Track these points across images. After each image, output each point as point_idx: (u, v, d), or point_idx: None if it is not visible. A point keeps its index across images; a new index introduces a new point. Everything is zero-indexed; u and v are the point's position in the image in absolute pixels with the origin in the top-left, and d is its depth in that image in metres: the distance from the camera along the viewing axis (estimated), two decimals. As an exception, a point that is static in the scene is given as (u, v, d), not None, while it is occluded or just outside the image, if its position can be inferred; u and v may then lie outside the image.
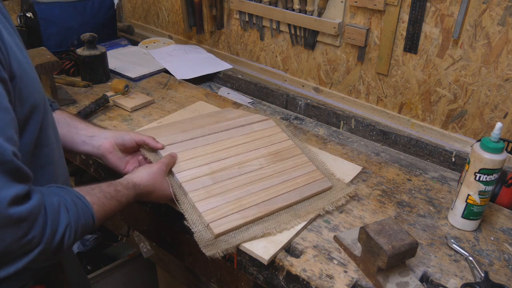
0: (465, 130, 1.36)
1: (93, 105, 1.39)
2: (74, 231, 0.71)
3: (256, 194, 0.99)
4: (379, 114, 1.52)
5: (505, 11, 1.16)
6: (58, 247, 0.69)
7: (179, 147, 1.05)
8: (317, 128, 1.51)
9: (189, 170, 1.00)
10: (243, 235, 0.91)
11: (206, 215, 0.92)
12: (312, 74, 1.66)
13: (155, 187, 0.93)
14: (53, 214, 0.68)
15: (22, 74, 0.71)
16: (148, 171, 0.94)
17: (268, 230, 0.92)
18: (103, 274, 1.70)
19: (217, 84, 1.82)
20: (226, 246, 0.89)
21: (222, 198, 0.96)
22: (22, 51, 0.74)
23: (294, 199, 1.00)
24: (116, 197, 0.83)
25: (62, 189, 0.75)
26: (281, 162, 1.09)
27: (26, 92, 0.72)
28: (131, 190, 0.88)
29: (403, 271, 0.86)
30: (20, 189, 0.63)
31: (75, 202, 0.73)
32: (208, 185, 0.98)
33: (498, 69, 1.23)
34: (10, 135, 0.63)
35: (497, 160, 0.90)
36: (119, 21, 2.34)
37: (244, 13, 1.75)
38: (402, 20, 1.35)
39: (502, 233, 0.99)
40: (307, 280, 0.85)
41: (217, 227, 0.90)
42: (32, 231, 0.64)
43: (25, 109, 0.73)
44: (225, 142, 1.11)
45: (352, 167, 1.18)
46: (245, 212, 0.95)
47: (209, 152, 1.06)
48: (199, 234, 0.90)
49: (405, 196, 1.09)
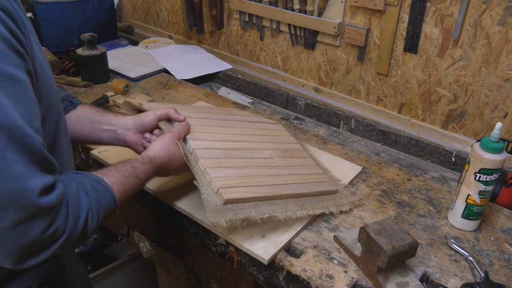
0: (465, 130, 1.36)
1: (93, 105, 1.39)
2: (96, 214, 0.71)
3: (266, 177, 0.97)
4: (379, 114, 1.52)
5: (505, 11, 1.16)
6: (83, 232, 0.69)
7: (194, 121, 1.03)
8: (317, 128, 1.51)
9: (203, 141, 0.99)
10: (250, 210, 0.88)
11: (216, 180, 0.89)
12: (312, 74, 1.66)
13: (170, 157, 0.92)
14: (73, 201, 0.69)
15: (41, 73, 0.72)
16: (161, 143, 0.92)
17: (274, 213, 0.90)
18: (103, 274, 1.70)
19: (217, 84, 1.82)
20: (232, 216, 0.85)
21: (233, 171, 0.94)
22: (42, 52, 0.75)
23: (302, 191, 0.99)
24: (134, 174, 0.82)
25: (80, 174, 0.75)
26: (290, 158, 1.09)
27: (44, 90, 0.73)
28: (148, 165, 0.87)
29: (403, 271, 0.86)
30: (48, 179, 0.64)
31: (93, 185, 0.73)
32: (220, 158, 0.96)
33: (498, 69, 1.23)
34: (37, 127, 0.64)
35: (497, 160, 0.90)
36: (119, 21, 2.34)
37: (244, 13, 1.75)
38: (402, 20, 1.35)
39: (502, 233, 0.99)
40: (307, 280, 0.85)
41: (227, 193, 0.87)
42: (57, 220, 0.65)
43: (43, 107, 0.74)
44: (238, 129, 1.11)
45: (352, 167, 1.18)
46: (255, 188, 0.92)
47: (223, 133, 1.06)
48: (207, 197, 0.86)
49: (405, 196, 1.09)
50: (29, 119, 0.63)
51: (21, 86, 0.62)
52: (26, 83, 0.63)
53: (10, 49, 0.61)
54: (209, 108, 1.24)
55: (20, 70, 0.63)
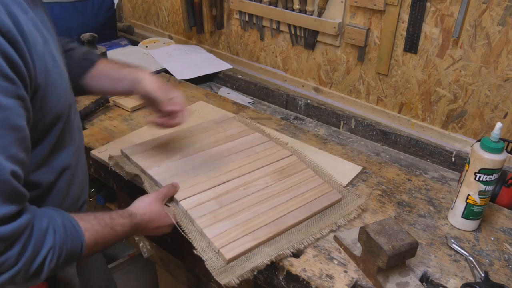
0: (465, 130, 1.36)
1: (93, 105, 1.39)
2: (57, 254, 0.69)
3: (265, 214, 0.95)
4: (379, 114, 1.52)
5: (505, 11, 1.16)
6: (38, 269, 0.67)
7: (180, 177, 1.02)
8: (317, 128, 1.51)
9: (193, 197, 0.97)
10: (257, 258, 0.86)
11: (215, 240, 0.88)
12: (312, 74, 1.66)
13: (152, 216, 0.89)
14: (38, 235, 0.67)
15: (49, 84, 0.71)
16: (144, 201, 0.91)
17: (282, 251, 0.88)
18: (103, 274, 1.70)
19: (217, 84, 1.82)
20: (240, 271, 0.83)
21: (230, 221, 0.92)
22: (55, 59, 0.74)
23: (304, 215, 0.97)
24: (110, 224, 0.79)
25: (56, 211, 0.73)
26: (287, 178, 1.06)
27: (50, 102, 0.72)
28: (127, 219, 0.84)
29: (403, 271, 0.86)
30: (9, 209, 0.62)
31: (65, 225, 0.71)
32: (214, 210, 0.94)
33: (498, 69, 1.23)
34: (12, 153, 0.63)
35: (497, 160, 0.90)
36: (119, 21, 2.34)
37: (244, 13, 1.75)
38: (402, 20, 1.35)
39: (502, 233, 0.99)
40: (307, 280, 0.85)
41: (228, 251, 0.86)
42: (8, 252, 0.63)
43: (47, 119, 0.74)
44: (225, 167, 1.08)
45: (352, 167, 1.18)
46: (255, 233, 0.90)
47: (212, 177, 1.03)
48: (210, 262, 0.85)
49: (405, 196, 1.09)
50: (2, 146, 0.62)
51: (1, 112, 0.61)
52: (9, 108, 0.62)
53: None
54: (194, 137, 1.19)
55: (5, 96, 0.61)
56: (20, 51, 0.63)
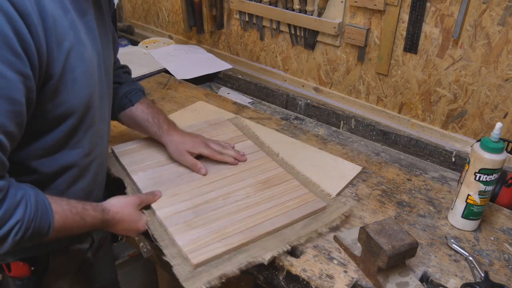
0: (465, 130, 1.36)
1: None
2: (24, 229, 0.70)
3: (241, 222, 0.93)
4: (379, 114, 1.52)
5: (505, 11, 1.16)
6: (2, 238, 0.68)
7: (163, 185, 1.02)
8: (317, 128, 1.51)
9: (171, 207, 0.97)
10: (226, 265, 0.84)
11: (184, 246, 0.87)
12: (312, 74, 1.66)
13: (124, 216, 0.90)
14: (10, 204, 0.68)
15: (67, 79, 0.75)
16: (120, 200, 0.91)
17: (253, 259, 0.85)
18: (103, 274, 1.70)
19: (217, 84, 1.82)
20: (208, 277, 0.81)
21: (203, 229, 0.91)
22: (84, 62, 0.78)
23: (282, 223, 0.93)
24: (81, 214, 0.80)
25: (33, 189, 0.74)
26: (269, 189, 1.03)
27: (64, 97, 0.76)
28: (99, 213, 0.85)
29: (403, 271, 0.86)
30: None
31: (38, 202, 0.72)
32: (190, 219, 0.93)
33: (498, 69, 1.23)
34: (2, 122, 0.65)
35: (497, 160, 0.90)
36: (119, 21, 2.34)
37: (244, 13, 1.75)
38: (402, 20, 1.35)
39: (502, 233, 0.99)
40: (307, 280, 0.85)
41: (196, 257, 0.84)
42: None
43: (58, 111, 0.76)
44: (211, 176, 1.07)
45: (352, 167, 1.18)
46: (228, 240, 0.88)
47: (194, 188, 1.03)
48: (178, 268, 0.83)
49: (405, 196, 1.09)
50: None
51: (1, 81, 0.64)
52: (10, 80, 0.65)
53: (4, 45, 0.63)
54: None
55: (8, 68, 0.64)
56: (35, 34, 0.67)
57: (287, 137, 1.29)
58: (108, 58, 0.92)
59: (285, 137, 1.29)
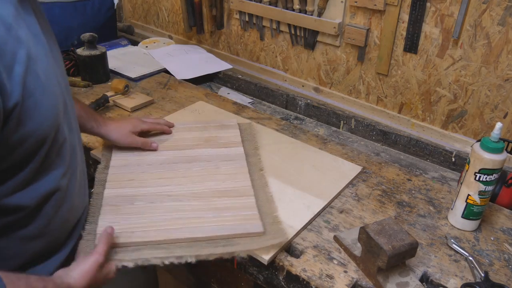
0: (465, 130, 1.36)
1: (93, 105, 1.39)
2: None
3: (170, 221, 0.92)
4: (379, 114, 1.52)
5: (505, 11, 1.16)
6: None
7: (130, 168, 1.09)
8: (317, 128, 1.51)
9: (120, 189, 1.01)
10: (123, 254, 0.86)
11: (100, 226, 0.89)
12: (312, 74, 1.66)
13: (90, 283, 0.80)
14: None
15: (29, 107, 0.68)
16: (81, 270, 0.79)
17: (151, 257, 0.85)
18: (103, 274, 1.70)
19: (217, 84, 1.82)
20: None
21: (128, 217, 0.93)
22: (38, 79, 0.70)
23: (205, 234, 0.89)
24: None
25: None
26: (221, 199, 1.00)
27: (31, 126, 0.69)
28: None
29: (403, 271, 0.86)
30: None
31: None
32: (122, 204, 0.97)
33: (498, 69, 1.23)
34: None
35: (497, 160, 0.90)
36: (119, 21, 2.34)
37: (244, 13, 1.75)
38: (402, 20, 1.35)
39: (502, 233, 0.99)
40: (307, 280, 0.85)
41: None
42: None
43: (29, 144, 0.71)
44: (178, 172, 1.08)
45: (352, 167, 1.18)
46: (146, 233, 0.89)
47: (154, 178, 1.05)
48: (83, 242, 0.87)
49: (405, 196, 1.09)
50: None
51: None
52: None
53: None
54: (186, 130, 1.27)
55: None
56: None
57: (287, 137, 1.29)
58: (58, 53, 0.85)
59: (285, 137, 1.29)
